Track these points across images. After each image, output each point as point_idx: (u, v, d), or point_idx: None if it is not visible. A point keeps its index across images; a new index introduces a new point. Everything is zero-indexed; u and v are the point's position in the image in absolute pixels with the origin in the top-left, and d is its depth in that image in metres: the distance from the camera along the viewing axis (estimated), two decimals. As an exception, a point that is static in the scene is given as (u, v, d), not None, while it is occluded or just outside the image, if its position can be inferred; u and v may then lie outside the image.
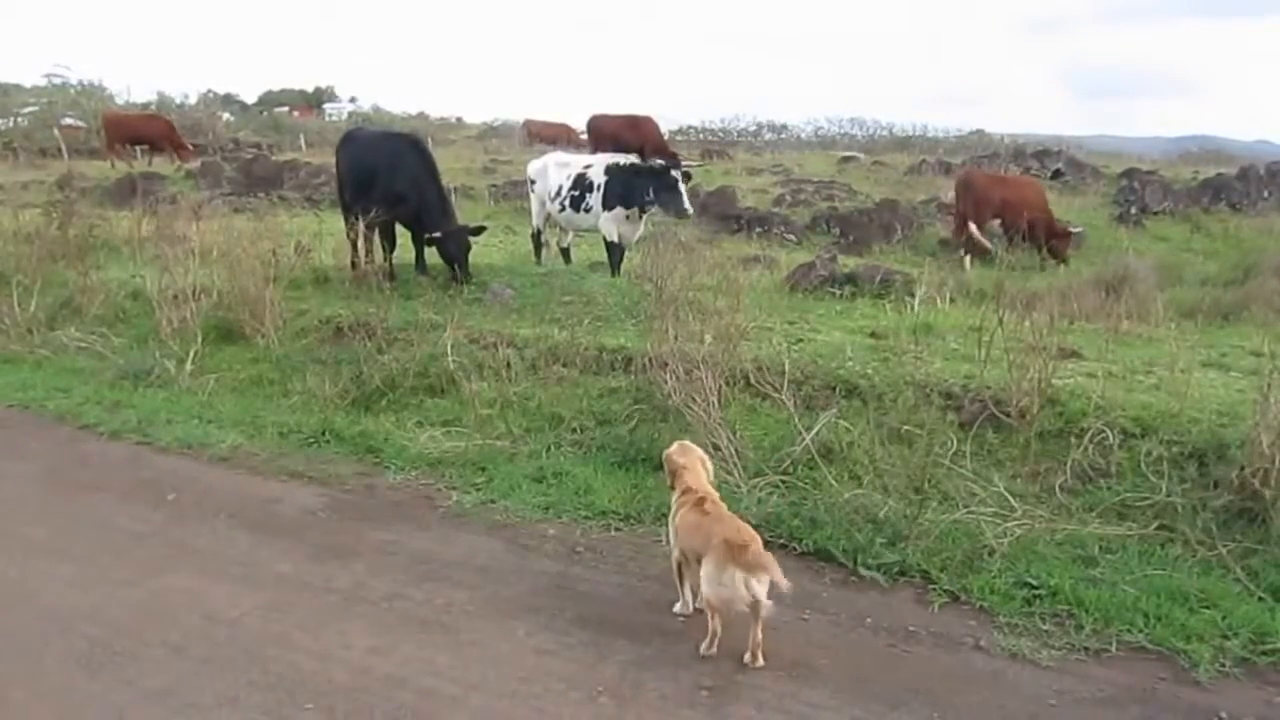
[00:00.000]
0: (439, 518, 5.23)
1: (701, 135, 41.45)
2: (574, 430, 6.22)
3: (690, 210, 10.16)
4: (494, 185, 18.40)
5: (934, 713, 3.50)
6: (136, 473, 5.94)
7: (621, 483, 5.50)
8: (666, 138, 21.59)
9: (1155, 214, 17.97)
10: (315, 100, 58.23)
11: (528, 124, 32.88)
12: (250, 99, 54.72)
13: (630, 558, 4.74)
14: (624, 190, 9.91)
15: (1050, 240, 14.26)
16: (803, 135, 42.98)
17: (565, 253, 11.44)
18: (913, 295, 9.33)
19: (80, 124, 32.98)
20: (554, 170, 10.66)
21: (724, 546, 3.65)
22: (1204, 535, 4.71)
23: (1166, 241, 14.74)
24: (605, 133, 20.56)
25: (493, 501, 5.37)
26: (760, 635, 3.72)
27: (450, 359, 6.93)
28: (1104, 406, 5.58)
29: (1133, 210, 18.02)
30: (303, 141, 33.68)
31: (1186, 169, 23.89)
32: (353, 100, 56.67)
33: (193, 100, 42.03)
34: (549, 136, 30.48)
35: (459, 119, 51.01)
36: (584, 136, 24.74)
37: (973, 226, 13.94)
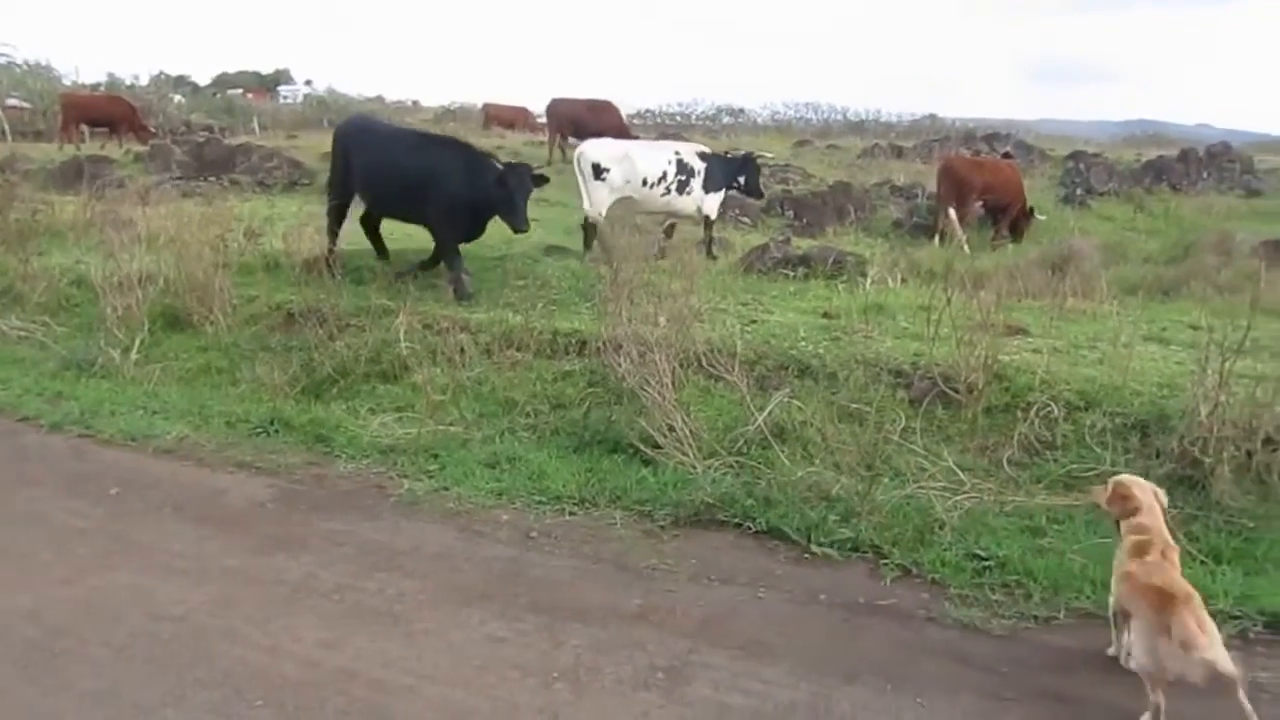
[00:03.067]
0: (391, 506, 5.17)
1: (660, 119, 41.37)
2: (528, 415, 6.17)
3: (764, 192, 12.72)
4: (452, 169, 18.22)
5: (888, 685, 3.54)
6: (78, 466, 5.78)
7: (576, 467, 5.47)
8: (626, 121, 21.44)
9: (1100, 195, 18.30)
10: (269, 83, 57.11)
11: (486, 107, 32.48)
12: (203, 81, 53.52)
13: (585, 541, 4.73)
14: (723, 174, 10.97)
15: (1018, 221, 14.73)
16: (759, 119, 43.09)
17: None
18: (865, 276, 9.40)
19: (26, 105, 31.96)
20: (645, 157, 10.60)
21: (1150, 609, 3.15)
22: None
23: (1111, 221, 15.01)
24: (565, 117, 20.39)
25: (445, 489, 5.31)
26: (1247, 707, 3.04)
27: (403, 345, 6.85)
28: (1049, 381, 5.67)
29: (1078, 191, 18.33)
30: (256, 125, 33.01)
31: (1130, 151, 24.36)
32: (308, 83, 55.67)
33: (144, 82, 40.94)
34: (507, 120, 30.15)
35: (415, 102, 50.34)
36: (542, 121, 24.52)
37: (951, 212, 14.17)
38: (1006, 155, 20.07)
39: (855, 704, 3.42)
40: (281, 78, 58.72)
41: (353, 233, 9.42)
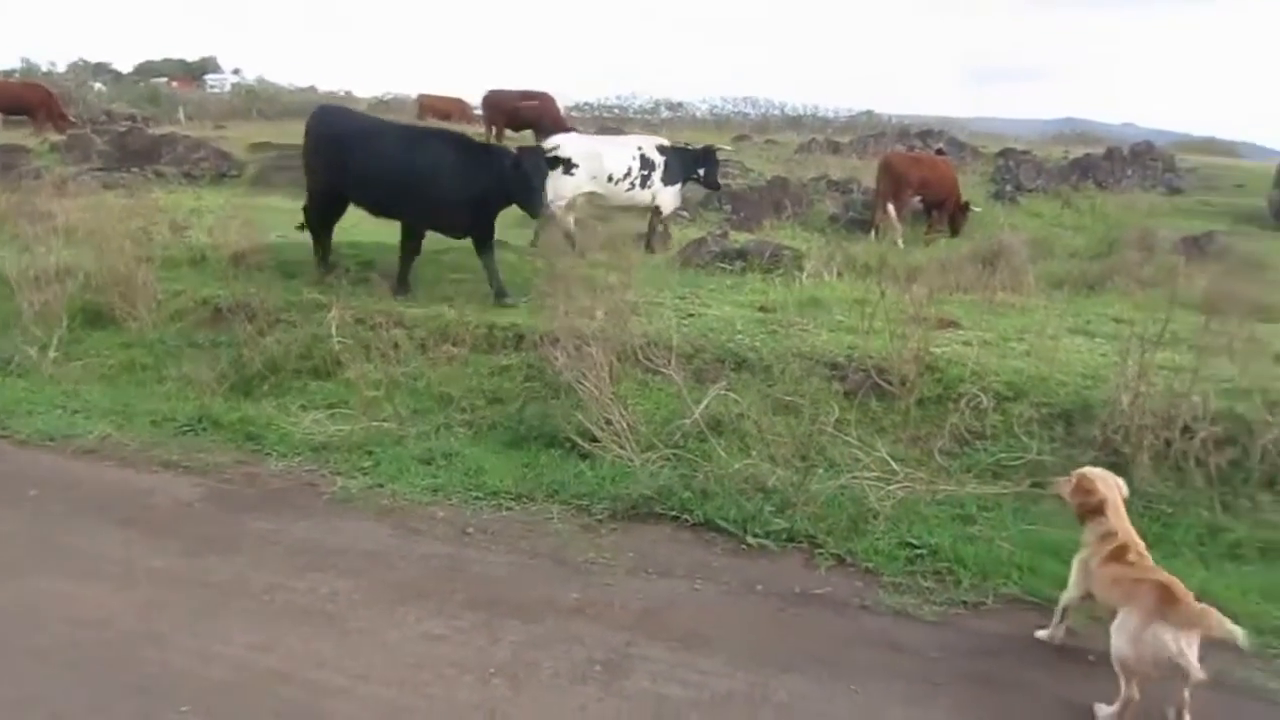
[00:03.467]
0: (324, 504, 5.08)
1: (599, 111, 41.23)
2: (464, 410, 6.12)
3: (722, 185, 13.03)
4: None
5: (824, 672, 3.59)
6: (-6, 468, 5.57)
7: (513, 462, 5.44)
8: (564, 114, 21.36)
9: (1029, 191, 18.73)
10: (195, 71, 55.47)
11: (421, 98, 32.00)
12: (125, 68, 51.76)
13: (522, 537, 4.70)
14: (682, 167, 11.17)
15: (954, 215, 15.03)
16: (698, 113, 43.21)
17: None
18: (801, 270, 9.51)
19: (-67, 92, 30.57)
20: (611, 153, 10.67)
21: (1153, 600, 3.23)
22: (1071, 491, 4.96)
23: (1039, 217, 15.38)
24: (502, 108, 20.23)
25: (380, 485, 5.24)
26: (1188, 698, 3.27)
27: (335, 340, 6.71)
28: (979, 373, 5.80)
29: (1008, 188, 18.74)
30: (182, 114, 32.03)
31: (1058, 149, 24.94)
32: (236, 72, 54.20)
33: (61, 68, 39.49)
34: (443, 111, 29.76)
35: (348, 92, 49.36)
36: (479, 112, 24.28)
37: (890, 207, 14.41)
38: (940, 152, 20.43)
39: (792, 693, 3.46)
40: (208, 66, 57.12)
41: (283, 223, 9.23)
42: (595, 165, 10.45)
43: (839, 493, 4.86)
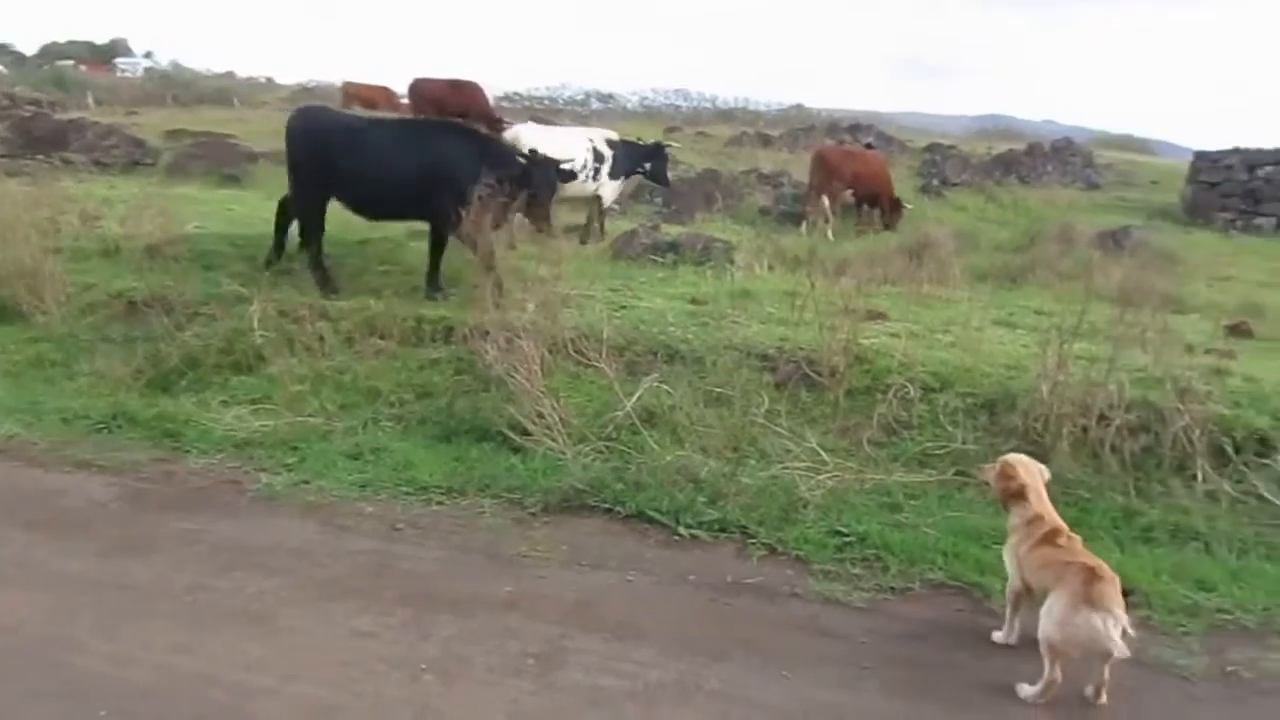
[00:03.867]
0: (248, 502, 4.95)
1: (528, 102, 40.93)
2: (392, 404, 6.02)
3: (670, 182, 13.23)
4: (308, 152, 17.48)
5: (756, 660, 3.62)
6: (-109, 469, 5.30)
7: (443, 456, 5.37)
8: (492, 104, 21.08)
9: (954, 185, 19.17)
10: (105, 54, 53.59)
11: (346, 86, 31.31)
12: (29, 50, 49.80)
13: (453, 532, 4.64)
14: (629, 160, 11.36)
15: (889, 210, 15.26)
16: (629, 105, 43.19)
17: None
18: (732, 262, 9.57)
19: None
20: (566, 145, 10.47)
21: (1080, 583, 3.30)
22: (994, 479, 5.09)
23: (964, 211, 15.74)
24: (428, 97, 19.86)
25: (306, 482, 5.12)
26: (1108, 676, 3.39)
27: (258, 334, 6.56)
28: (907, 364, 5.91)
29: (935, 182, 19.16)
30: (91, 99, 30.85)
31: (982, 144, 25.52)
32: (148, 55, 52.56)
33: (-43, 50, 37.79)
34: (369, 100, 29.14)
35: (269, 79, 48.20)
36: (405, 101, 23.86)
37: (824, 199, 14.56)
38: (869, 146, 20.73)
39: (724, 680, 3.48)
40: (118, 48, 55.30)
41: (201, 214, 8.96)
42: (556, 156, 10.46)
43: (770, 483, 4.91)
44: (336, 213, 7.93)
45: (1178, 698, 3.55)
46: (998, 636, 3.81)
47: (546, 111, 33.52)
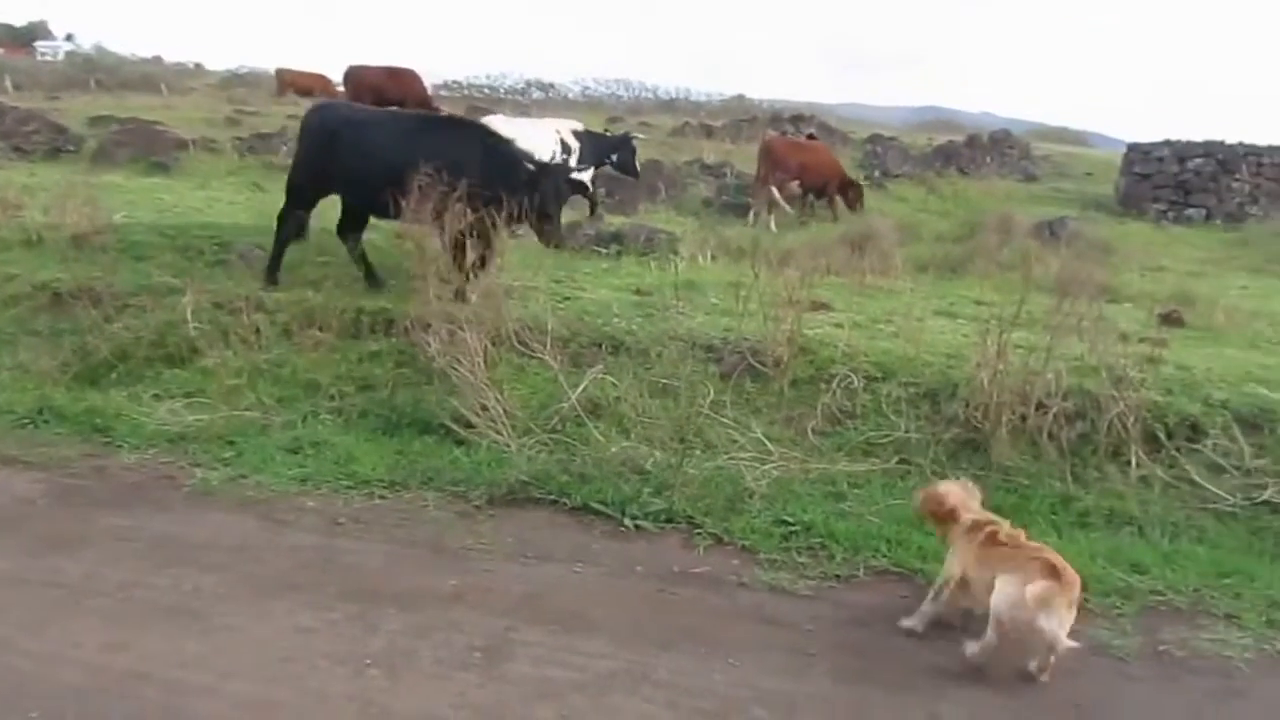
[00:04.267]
0: (182, 497, 4.82)
1: (467, 91, 40.54)
2: (332, 398, 5.91)
3: (639, 173, 13.60)
4: (239, 138, 17.04)
5: (703, 649, 3.63)
6: None
7: (385, 449, 5.29)
8: (430, 92, 20.85)
9: (895, 177, 19.44)
10: (24, 37, 51.74)
11: (281, 74, 30.69)
12: (-58, 33, 47.89)
13: (397, 525, 4.58)
14: (595, 152, 11.69)
15: (847, 193, 15.31)
16: (570, 95, 43.04)
17: None
18: (676, 253, 9.57)
19: None
20: (534, 136, 10.50)
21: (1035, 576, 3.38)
22: (936, 465, 5.22)
23: (905, 202, 15.95)
24: (365, 84, 19.55)
25: (243, 476, 5.00)
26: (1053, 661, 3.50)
27: (191, 326, 6.38)
28: (850, 354, 5.97)
29: (876, 173, 19.42)
30: (9, 83, 29.76)
31: (922, 136, 25.92)
32: (69, 38, 50.83)
33: None
34: (305, 87, 28.63)
35: (198, 65, 46.97)
36: (341, 89, 23.47)
37: (773, 189, 14.61)
38: (810, 136, 20.95)
39: (672, 670, 3.48)
40: (38, 31, 53.45)
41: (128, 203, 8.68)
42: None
43: (716, 473, 4.93)
44: (259, 202, 7.77)
45: (1113, 677, 3.64)
46: (907, 623, 3.84)
47: (487, 100, 33.28)
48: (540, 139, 10.49)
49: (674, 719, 3.22)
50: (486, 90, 41.47)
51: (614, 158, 11.85)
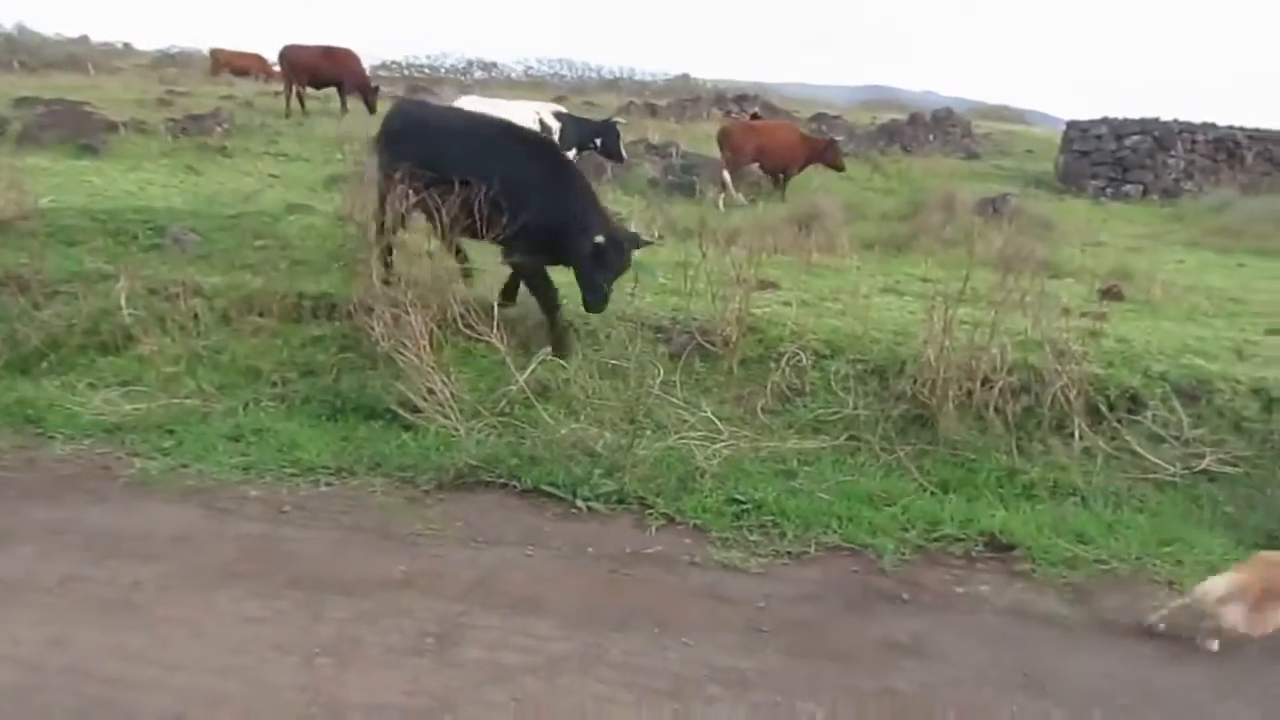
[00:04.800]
0: (120, 488, 4.68)
1: (408, 71, 39.90)
2: (274, 384, 5.78)
3: (626, 157, 13.25)
4: (172, 120, 16.49)
5: (656, 628, 3.64)
6: None
7: (330, 435, 5.20)
8: (369, 72, 20.41)
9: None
10: (-64, 15, 49.45)
11: (216, 53, 29.87)
12: None
13: (344, 512, 4.50)
14: (577, 135, 11.58)
15: (823, 161, 15.14)
16: (513, 75, 42.56)
17: None
18: (623, 233, 9.50)
19: None
20: (513, 117, 9.82)
21: None
22: (885, 442, 5.27)
23: (851, 181, 15.96)
24: (301, 65, 19.08)
25: (184, 466, 4.87)
26: None
27: (126, 312, 6.19)
28: (798, 332, 6.01)
29: (821, 152, 19.44)
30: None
31: (866, 115, 26.08)
32: (-11, 16, 48.78)
33: None
34: (240, 67, 27.91)
35: (127, 45, 45.43)
36: (277, 69, 22.93)
37: (725, 175, 14.53)
38: (755, 116, 20.94)
39: (625, 650, 3.48)
40: (-48, 8, 50.95)
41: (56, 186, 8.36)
42: None
43: (667, 454, 4.93)
44: (193, 185, 7.56)
45: (1059, 645, 3.73)
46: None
47: (428, 80, 32.75)
48: (518, 118, 10.34)
49: (628, 699, 3.22)
50: (427, 70, 40.80)
51: (598, 142, 11.73)
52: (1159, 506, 4.90)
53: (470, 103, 10.96)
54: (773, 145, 15.36)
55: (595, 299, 5.75)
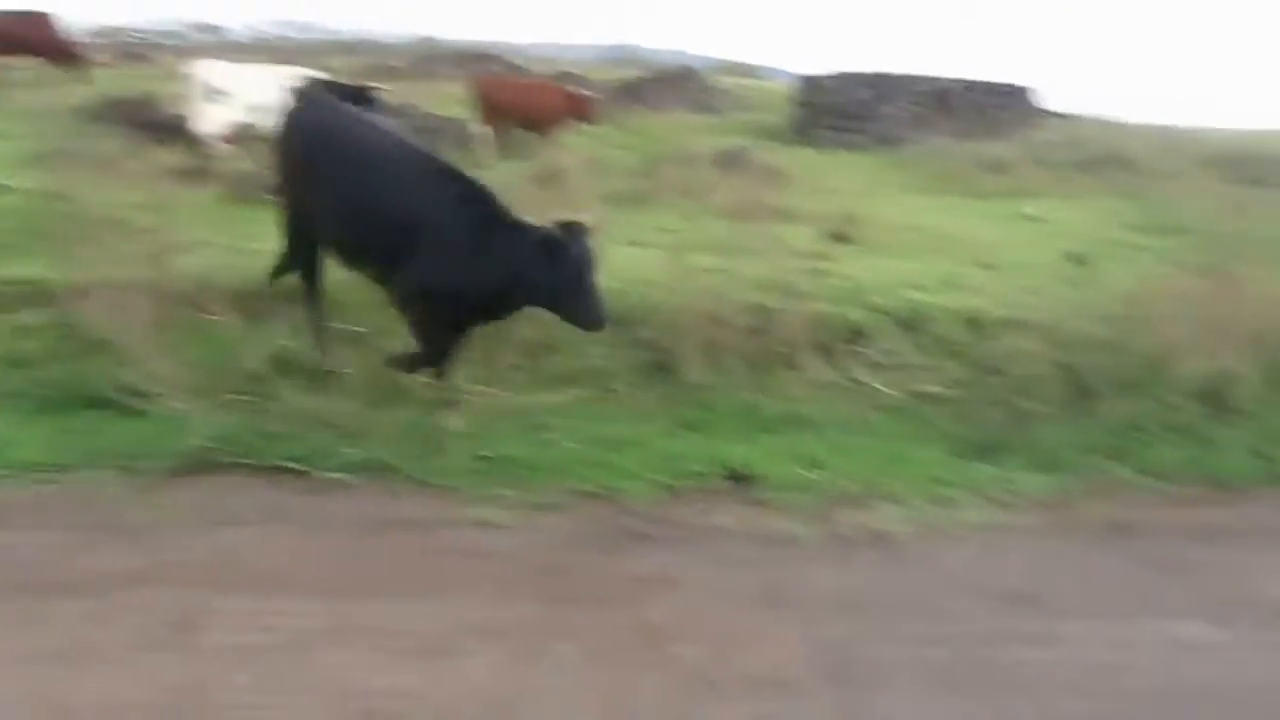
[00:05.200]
0: None
1: (119, 36, 36.32)
2: (-24, 380, 5.24)
3: None
4: None
5: (410, 592, 3.68)
6: None
7: (46, 430, 4.77)
8: (73, 38, 18.33)
9: (582, 113, 19.65)
10: None
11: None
12: None
13: (67, 509, 4.19)
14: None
15: (581, 118, 14.93)
16: (240, 39, 39.72)
17: None
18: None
19: None
20: (262, 83, 9.64)
21: None
22: (632, 389, 5.48)
23: (595, 139, 16.17)
24: (-8, 32, 16.91)
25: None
26: None
27: None
28: (543, 288, 6.06)
29: (561, 110, 19.52)
30: None
31: (611, 74, 26.38)
32: None
33: None
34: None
35: None
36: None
37: (483, 130, 14.14)
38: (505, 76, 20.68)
39: (377, 616, 3.50)
40: None
41: None
42: (248, 95, 9.74)
43: (413, 419, 4.91)
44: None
45: (797, 561, 4.08)
46: None
47: (143, 47, 30.02)
48: (268, 84, 9.70)
49: (380, 662, 3.24)
50: (142, 35, 37.33)
51: None
52: (885, 429, 5.39)
53: (208, 68, 10.23)
54: (530, 103, 15.22)
55: (589, 314, 4.68)
